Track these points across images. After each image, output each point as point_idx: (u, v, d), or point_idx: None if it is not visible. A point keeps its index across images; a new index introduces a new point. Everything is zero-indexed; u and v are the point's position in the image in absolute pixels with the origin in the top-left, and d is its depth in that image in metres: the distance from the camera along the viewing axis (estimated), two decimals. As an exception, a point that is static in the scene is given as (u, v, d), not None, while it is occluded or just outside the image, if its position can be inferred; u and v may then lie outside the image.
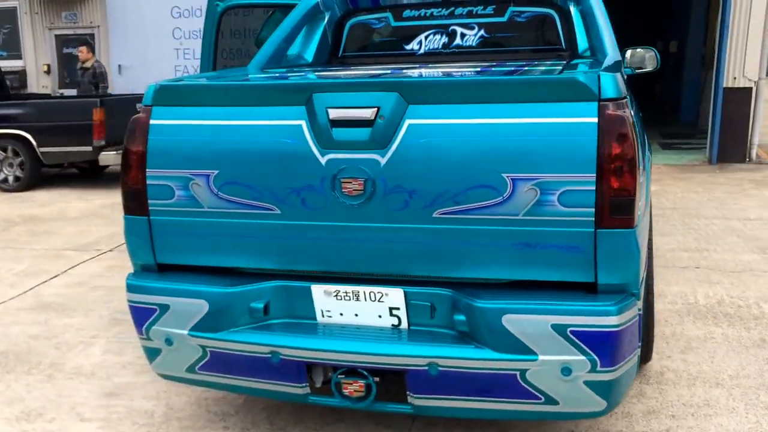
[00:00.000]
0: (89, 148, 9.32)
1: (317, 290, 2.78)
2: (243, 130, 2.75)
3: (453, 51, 4.30)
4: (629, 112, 2.53)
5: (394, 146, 2.60)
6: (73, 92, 12.82)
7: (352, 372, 2.70)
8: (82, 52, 10.87)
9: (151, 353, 2.97)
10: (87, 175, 10.77)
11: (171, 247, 2.90)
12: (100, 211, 8.27)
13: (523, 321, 2.52)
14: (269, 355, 2.74)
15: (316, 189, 2.68)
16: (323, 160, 2.65)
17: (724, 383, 3.74)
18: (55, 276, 5.77)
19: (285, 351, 2.72)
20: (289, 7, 5.60)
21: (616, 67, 2.97)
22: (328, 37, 4.47)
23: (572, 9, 4.17)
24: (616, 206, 2.49)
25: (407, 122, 2.59)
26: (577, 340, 2.49)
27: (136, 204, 2.90)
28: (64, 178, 10.68)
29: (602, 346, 2.50)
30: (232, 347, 2.78)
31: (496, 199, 2.55)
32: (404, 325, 2.74)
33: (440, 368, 2.59)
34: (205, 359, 2.86)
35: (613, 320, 2.49)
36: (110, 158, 9.30)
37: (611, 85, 2.50)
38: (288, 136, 2.70)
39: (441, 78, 2.86)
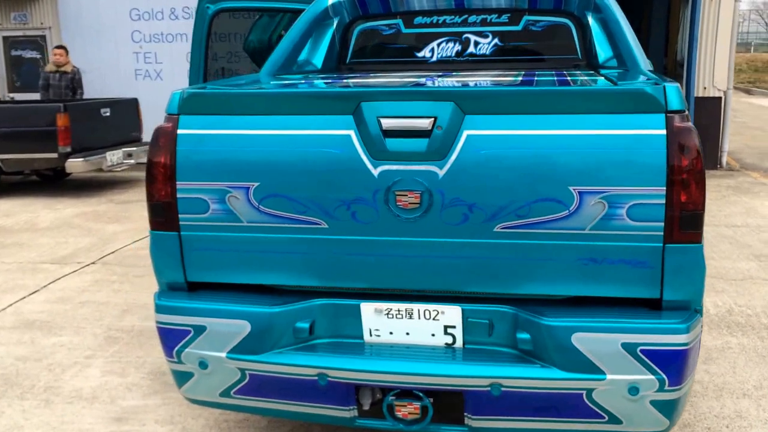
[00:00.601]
0: (54, 155, 8.97)
1: (367, 308, 2.64)
2: (286, 140, 2.60)
3: (467, 59, 4.20)
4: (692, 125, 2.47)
5: (453, 157, 2.48)
6: (26, 96, 12.35)
7: (407, 393, 2.57)
8: (59, 55, 10.39)
9: (181, 377, 2.78)
10: (51, 182, 10.37)
11: (204, 264, 2.73)
12: (72, 220, 7.95)
13: (594, 339, 2.43)
14: (316, 378, 2.59)
15: (367, 202, 2.55)
16: (376, 172, 2.52)
17: (751, 394, 3.72)
18: (35, 291, 5.49)
19: (334, 373, 2.57)
20: (282, 11, 5.46)
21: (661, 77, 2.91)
22: (336, 43, 4.33)
23: (590, 18, 4.11)
24: (685, 220, 2.42)
25: (465, 133, 2.48)
26: (646, 359, 2.41)
27: (164, 219, 2.72)
28: (26, 186, 10.27)
29: (672, 365, 2.42)
30: (275, 370, 2.62)
31: (562, 213, 2.45)
32: (459, 343, 2.62)
33: (503, 388, 2.48)
34: (243, 383, 2.69)
35: (683, 338, 2.41)
36: (78, 166, 8.96)
37: (676, 96, 2.43)
38: (336, 146, 2.56)
39: (500, 88, 2.75)
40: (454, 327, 2.60)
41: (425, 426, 2.60)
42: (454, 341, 2.61)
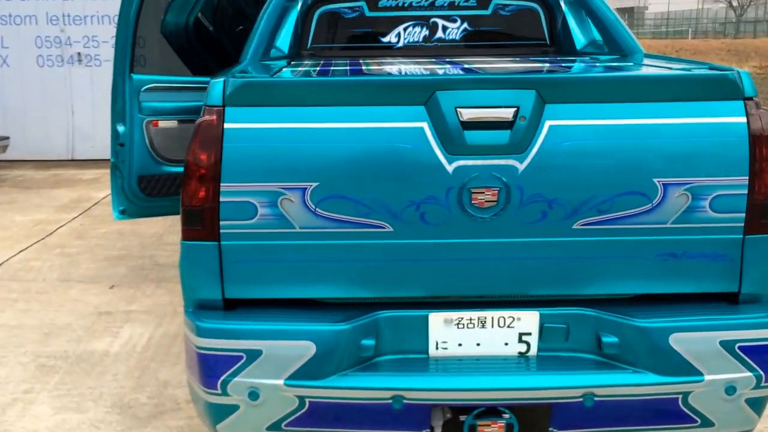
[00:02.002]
0: None
1: (435, 319, 2.47)
2: (348, 134, 2.38)
3: (435, 44, 4.10)
4: None
5: (534, 150, 2.37)
6: None
7: (490, 412, 2.42)
8: None
9: (220, 412, 2.47)
10: None
11: (246, 278, 2.45)
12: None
13: (692, 339, 2.40)
14: (390, 401, 2.39)
15: (439, 201, 2.38)
16: (450, 168, 2.36)
17: None
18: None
19: (412, 394, 2.38)
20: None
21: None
22: (299, 27, 4.09)
23: (562, 3, 4.11)
24: (765, 210, 2.44)
25: (547, 123, 2.37)
26: (744, 356, 2.42)
27: (202, 227, 2.41)
28: None
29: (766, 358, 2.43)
30: (343, 395, 2.39)
31: (645, 207, 2.41)
32: (533, 351, 2.51)
33: (596, 398, 2.40)
34: (300, 412, 2.44)
35: (774, 331, 2.43)
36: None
37: (750, 82, 2.46)
38: (406, 140, 2.38)
39: (584, 75, 2.67)
40: (529, 334, 2.49)
41: (509, 444, 2.47)
42: (528, 349, 2.51)
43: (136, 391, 3.41)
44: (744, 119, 2.41)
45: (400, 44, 4.16)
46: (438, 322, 2.47)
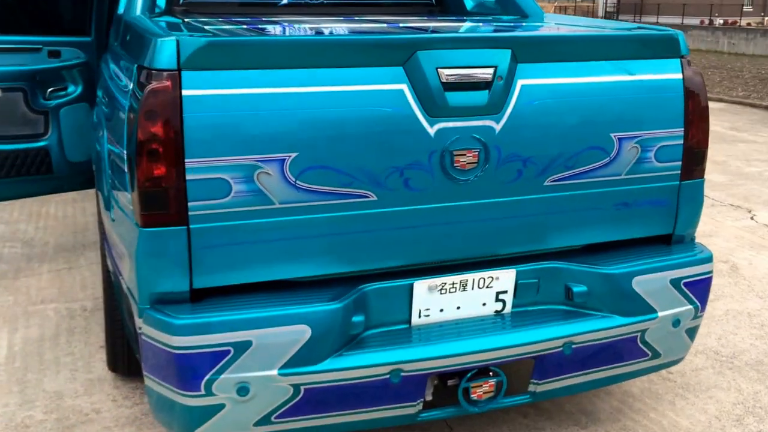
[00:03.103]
0: None
1: (420, 287, 2.44)
2: (327, 98, 2.24)
3: (320, 2, 3.97)
4: None
5: (509, 110, 2.40)
6: None
7: (482, 372, 2.45)
8: None
9: (202, 415, 2.24)
10: None
11: (219, 264, 2.23)
12: None
13: (649, 281, 2.59)
14: (388, 376, 2.32)
15: (423, 166, 2.34)
16: (432, 131, 2.32)
17: None
18: None
19: (409, 366, 2.34)
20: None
21: None
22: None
23: None
24: (696, 158, 2.70)
25: (519, 83, 2.41)
26: (687, 291, 2.66)
27: (167, 211, 2.15)
28: None
29: (704, 292, 2.71)
30: (341, 377, 2.28)
31: (604, 160, 2.55)
32: (508, 309, 2.57)
33: (574, 346, 2.52)
34: (293, 402, 2.28)
35: (710, 266, 2.71)
36: None
37: (684, 42, 2.68)
38: (386, 103, 2.29)
39: (554, 34, 2.70)
40: (505, 292, 2.54)
41: (491, 403, 2.51)
42: (504, 307, 2.56)
43: (26, 407, 2.96)
44: (680, 75, 2.63)
45: (285, 1, 3.97)
46: (422, 290, 2.43)
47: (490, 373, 2.46)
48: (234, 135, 2.15)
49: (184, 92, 2.11)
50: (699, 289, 2.69)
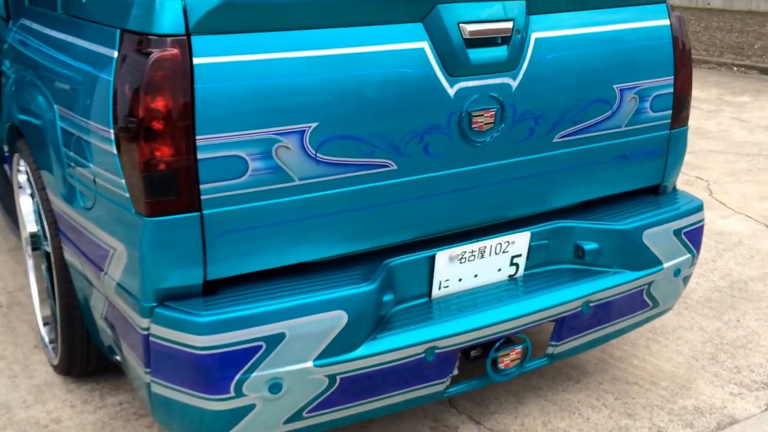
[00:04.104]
0: None
1: (442, 258, 2.33)
2: (345, 60, 2.06)
3: None
4: None
5: (524, 65, 2.31)
6: None
7: (508, 340, 2.40)
8: None
9: (231, 418, 2.04)
10: None
11: (234, 252, 2.03)
12: None
13: (657, 233, 2.61)
14: (423, 355, 2.22)
15: (442, 129, 2.22)
16: (452, 91, 2.20)
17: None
18: None
19: (443, 342, 2.24)
20: None
21: None
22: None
23: None
24: (683, 105, 2.73)
25: (533, 36, 2.32)
26: (686, 240, 2.71)
27: (176, 196, 1.91)
28: None
29: (699, 240, 2.78)
30: (378, 361, 2.15)
31: (607, 113, 2.53)
32: (520, 272, 2.52)
33: (591, 304, 2.51)
34: (327, 394, 2.13)
35: (702, 214, 2.77)
36: None
37: None
38: (406, 64, 2.14)
39: None
40: (519, 256, 2.49)
41: (522, 369, 2.47)
42: (517, 271, 2.51)
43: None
44: (668, 21, 2.62)
45: None
46: (444, 261, 2.34)
47: (516, 341, 2.41)
48: (250, 106, 1.94)
49: (195, 60, 1.86)
50: (695, 238, 2.75)
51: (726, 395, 2.93)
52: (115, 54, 1.97)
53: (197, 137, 1.89)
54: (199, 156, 1.90)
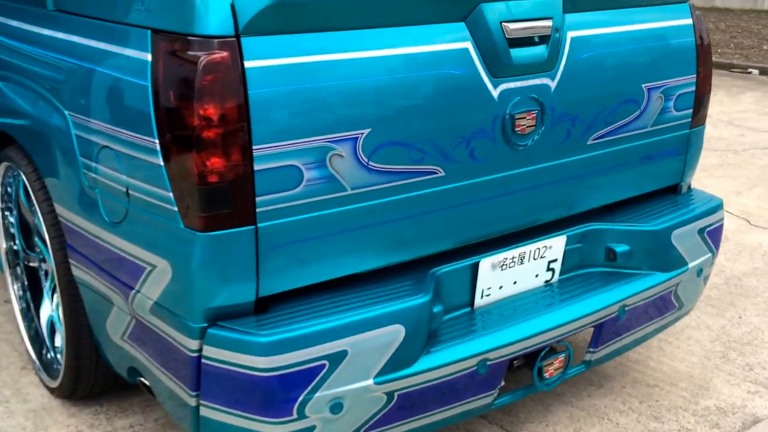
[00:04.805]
0: None
1: (485, 265, 2.32)
2: (395, 62, 2.02)
3: None
4: None
5: (562, 65, 2.32)
6: None
7: (552, 350, 2.40)
8: None
9: None
10: None
11: (286, 265, 1.97)
12: None
13: (684, 233, 2.65)
14: (476, 367, 2.20)
15: (486, 133, 2.21)
16: (496, 93, 2.19)
17: None
18: None
19: (495, 354, 2.22)
20: None
21: None
22: None
23: None
24: (702, 103, 2.79)
25: (569, 35, 2.34)
26: (708, 239, 2.76)
27: (231, 210, 1.86)
28: None
29: (719, 238, 2.83)
30: (434, 376, 2.12)
31: (635, 113, 2.56)
32: (555, 277, 2.54)
33: (627, 308, 2.54)
34: (384, 411, 2.09)
35: (722, 213, 2.83)
36: None
37: None
38: (452, 65, 2.12)
39: None
40: (555, 260, 2.50)
41: (564, 377, 2.48)
42: (553, 276, 2.52)
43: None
44: (690, 20, 2.68)
45: None
46: (487, 268, 2.33)
47: (560, 349, 2.42)
48: (305, 112, 1.89)
49: (247, 64, 1.81)
50: (716, 237, 2.81)
51: (744, 394, 3.00)
52: (149, 57, 1.89)
53: (253, 147, 1.84)
54: (256, 167, 1.84)
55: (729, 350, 3.31)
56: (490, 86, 2.17)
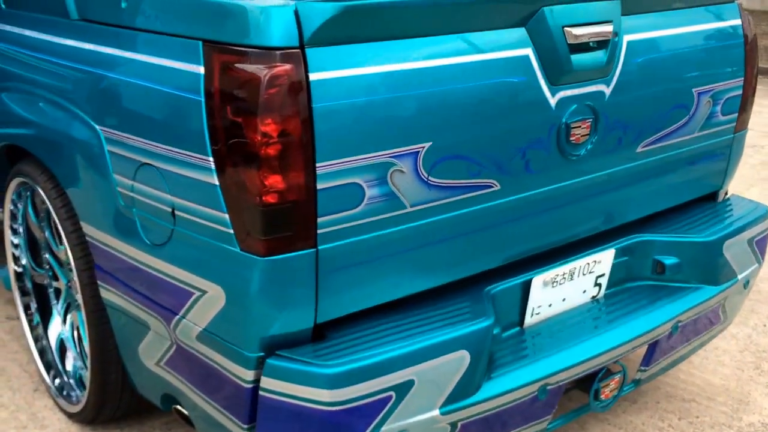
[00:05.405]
0: None
1: (537, 282, 2.26)
2: (455, 71, 1.95)
3: None
4: None
5: (617, 71, 2.27)
6: None
7: (609, 371, 2.35)
8: None
9: None
10: None
11: (344, 289, 1.89)
12: None
13: (734, 244, 2.60)
14: (536, 393, 2.14)
15: (542, 143, 2.15)
16: (553, 101, 2.13)
17: None
18: None
19: (554, 378, 2.16)
20: None
21: None
22: None
23: None
24: (747, 107, 2.76)
25: (625, 38, 2.29)
26: (756, 249, 2.73)
27: (292, 232, 1.77)
28: None
29: (765, 248, 2.80)
30: (497, 403, 2.05)
31: (684, 119, 2.52)
32: (602, 293, 2.48)
33: (680, 324, 2.49)
34: None
35: (768, 221, 2.80)
36: None
37: None
38: (513, 72, 2.05)
39: None
40: (603, 275, 2.44)
41: (617, 397, 2.43)
42: (599, 291, 2.47)
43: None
44: (739, 21, 2.64)
45: None
46: (538, 285, 2.27)
47: (615, 369, 2.37)
48: (368, 127, 1.81)
49: (312, 76, 1.72)
50: (763, 246, 2.77)
51: (785, 407, 2.99)
52: (200, 69, 1.79)
53: (317, 164, 1.75)
54: (319, 185, 1.76)
55: (761, 361, 3.29)
56: (548, 94, 2.10)
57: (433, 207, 1.96)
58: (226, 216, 1.77)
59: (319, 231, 1.79)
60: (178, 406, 2.20)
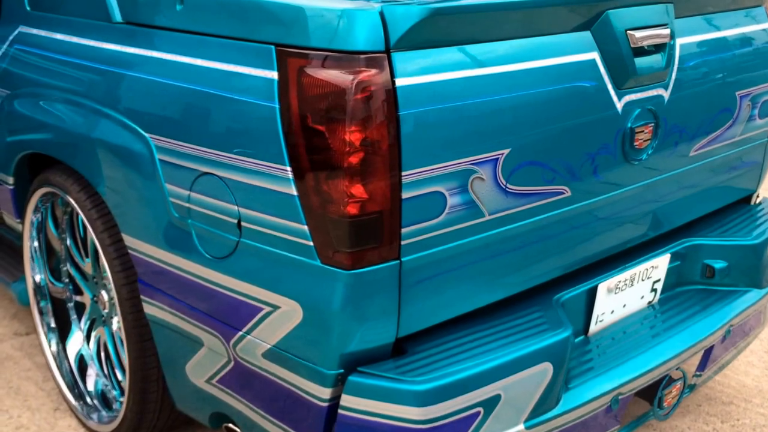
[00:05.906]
0: None
1: (602, 289, 2.25)
2: (530, 76, 1.92)
3: None
4: None
5: (674, 74, 2.27)
6: None
7: (671, 378, 2.34)
8: None
9: None
10: None
11: (424, 302, 1.85)
12: None
13: (775, 245, 2.63)
14: (610, 403, 2.13)
15: (609, 148, 2.13)
16: (620, 106, 2.12)
17: None
18: None
19: (626, 388, 2.13)
20: None
21: None
22: None
23: None
24: (781, 109, 2.79)
25: (678, 42, 2.29)
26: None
27: (377, 244, 1.73)
28: None
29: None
30: (576, 416, 2.03)
31: (728, 123, 2.53)
32: (656, 298, 2.48)
33: (731, 328, 2.50)
34: None
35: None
36: None
37: None
38: (582, 77, 2.03)
39: None
40: (659, 281, 2.44)
41: (678, 403, 2.43)
42: (654, 297, 2.47)
43: None
44: (771, 25, 2.67)
45: None
46: (603, 292, 2.25)
47: (676, 376, 2.37)
48: (451, 133, 1.77)
49: (398, 82, 1.68)
50: None
51: (819, 407, 3.02)
52: (274, 75, 1.73)
53: (402, 173, 1.71)
54: (404, 195, 1.72)
55: (786, 361, 3.33)
56: (615, 98, 2.09)
57: (510, 215, 1.93)
58: (305, 228, 1.72)
59: (402, 242, 1.74)
60: (231, 425, 2.14)
